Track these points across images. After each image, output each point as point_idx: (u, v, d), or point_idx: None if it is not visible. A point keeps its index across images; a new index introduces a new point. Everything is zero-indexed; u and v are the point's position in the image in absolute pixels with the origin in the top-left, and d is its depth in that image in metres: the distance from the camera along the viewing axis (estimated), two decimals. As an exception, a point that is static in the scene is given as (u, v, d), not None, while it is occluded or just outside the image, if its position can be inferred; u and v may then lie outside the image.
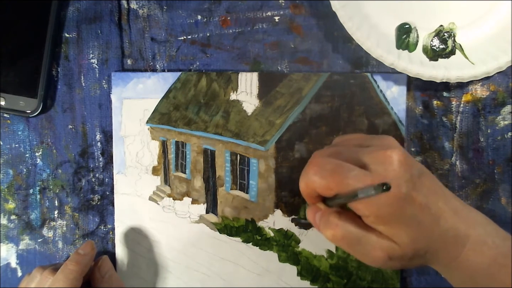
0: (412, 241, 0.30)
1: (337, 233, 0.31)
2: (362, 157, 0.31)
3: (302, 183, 0.32)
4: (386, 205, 0.29)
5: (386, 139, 0.33)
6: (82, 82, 0.46)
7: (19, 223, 0.47)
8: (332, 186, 0.30)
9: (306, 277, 0.45)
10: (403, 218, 0.29)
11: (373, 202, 0.29)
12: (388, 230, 0.30)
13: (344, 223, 0.31)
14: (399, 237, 0.30)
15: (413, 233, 0.30)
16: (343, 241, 0.31)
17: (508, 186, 0.44)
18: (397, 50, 0.41)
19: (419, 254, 0.31)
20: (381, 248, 0.30)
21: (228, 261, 0.46)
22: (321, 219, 0.33)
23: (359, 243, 0.31)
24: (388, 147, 0.31)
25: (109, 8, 0.45)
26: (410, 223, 0.30)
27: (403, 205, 0.29)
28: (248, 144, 0.45)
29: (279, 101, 0.44)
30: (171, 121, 0.46)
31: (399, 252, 0.30)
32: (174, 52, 0.45)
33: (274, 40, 0.45)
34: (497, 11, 0.42)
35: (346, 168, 0.30)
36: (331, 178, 0.30)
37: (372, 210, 0.30)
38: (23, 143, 0.47)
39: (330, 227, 0.32)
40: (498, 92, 0.44)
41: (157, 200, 0.46)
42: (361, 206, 0.30)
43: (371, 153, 0.31)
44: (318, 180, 0.30)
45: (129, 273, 0.46)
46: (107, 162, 0.47)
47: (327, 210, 0.32)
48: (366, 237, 0.31)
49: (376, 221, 0.30)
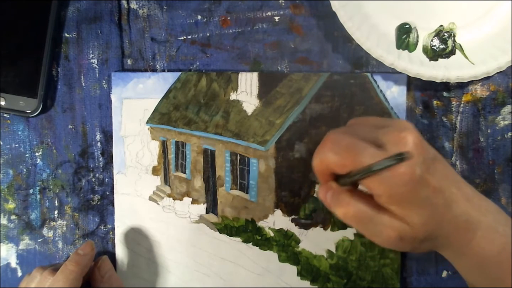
0: (423, 223, 0.30)
1: (348, 211, 0.31)
2: (377, 137, 0.31)
3: (316, 159, 0.32)
4: (399, 184, 0.29)
5: (402, 122, 0.32)
6: (82, 82, 0.46)
7: (19, 223, 0.47)
8: (346, 162, 0.30)
9: (306, 277, 0.45)
10: (416, 199, 0.29)
11: (387, 181, 0.29)
12: (400, 210, 0.30)
13: (356, 202, 0.31)
14: (411, 218, 0.30)
15: (425, 215, 0.30)
16: (354, 219, 0.31)
17: (508, 186, 0.44)
18: (397, 50, 0.41)
19: (430, 237, 0.31)
20: (393, 227, 0.30)
21: (228, 261, 0.46)
22: (333, 197, 0.32)
23: (370, 221, 0.31)
24: (404, 129, 0.31)
25: (109, 8, 0.45)
26: (422, 205, 0.30)
27: (416, 186, 0.29)
28: (248, 144, 0.45)
29: (279, 101, 0.44)
30: (171, 121, 0.46)
31: (410, 233, 0.30)
32: (174, 52, 0.46)
33: (274, 40, 0.45)
34: (497, 11, 0.42)
35: (361, 145, 0.30)
36: (346, 154, 0.30)
37: (385, 189, 0.29)
38: (23, 143, 0.47)
39: (342, 205, 0.31)
40: (498, 92, 0.44)
41: (157, 200, 0.46)
42: (374, 184, 0.29)
43: (386, 134, 0.30)
44: (333, 156, 0.30)
45: (129, 273, 0.46)
46: (107, 162, 0.47)
47: (339, 189, 0.32)
48: (378, 216, 0.31)
49: (389, 200, 0.30)
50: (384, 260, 0.44)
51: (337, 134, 0.32)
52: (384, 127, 0.32)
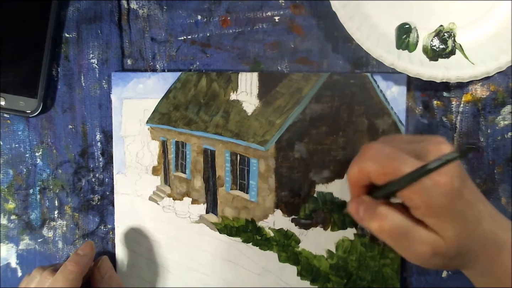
0: (457, 237, 0.30)
1: (385, 224, 0.31)
2: (415, 149, 0.31)
3: (355, 168, 0.32)
4: (440, 195, 0.29)
5: (436, 137, 0.32)
6: (82, 82, 0.46)
7: (19, 223, 0.47)
8: (388, 171, 0.30)
9: (306, 277, 0.45)
10: (452, 211, 0.29)
11: (427, 191, 0.29)
12: (436, 223, 0.30)
13: (393, 214, 0.31)
14: (446, 231, 0.30)
15: (459, 229, 0.30)
16: (390, 232, 0.31)
17: (508, 186, 0.44)
18: (397, 50, 0.41)
19: (461, 252, 0.31)
20: (427, 242, 0.30)
21: (228, 261, 0.46)
22: (366, 211, 0.32)
23: (405, 236, 0.31)
24: (440, 142, 0.31)
25: (109, 8, 0.45)
26: (457, 218, 0.30)
27: (453, 198, 0.29)
28: (248, 144, 0.45)
29: (279, 101, 0.44)
30: (171, 121, 0.46)
31: (444, 248, 0.30)
32: (174, 52, 0.46)
33: (274, 40, 0.45)
34: (497, 11, 0.42)
35: (402, 155, 0.30)
36: (388, 163, 0.30)
37: (426, 199, 0.29)
38: (23, 143, 0.47)
39: (377, 218, 0.31)
40: (498, 92, 0.44)
41: (157, 200, 0.46)
42: (414, 195, 0.29)
43: (424, 146, 0.31)
44: (374, 165, 0.30)
45: (129, 273, 0.46)
46: (107, 162, 0.47)
47: (373, 202, 0.32)
48: (413, 230, 0.30)
49: (427, 212, 0.30)
50: (384, 260, 0.44)
51: (377, 144, 0.31)
52: (419, 142, 0.32)
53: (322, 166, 0.44)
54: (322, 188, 0.44)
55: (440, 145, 0.30)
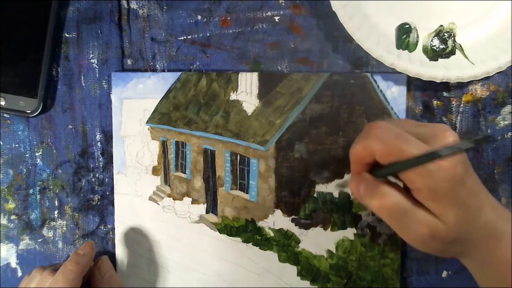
0: (457, 222, 0.30)
1: (385, 202, 0.31)
2: (420, 133, 0.31)
3: (359, 145, 0.32)
4: (442, 179, 0.29)
5: (441, 124, 0.33)
6: (82, 82, 0.46)
7: (19, 223, 0.47)
8: (393, 151, 0.30)
9: (306, 277, 0.45)
10: (454, 197, 0.30)
11: (431, 174, 0.29)
12: (437, 207, 0.30)
13: (394, 193, 0.31)
14: (446, 216, 0.30)
15: (460, 215, 0.30)
16: (389, 211, 0.31)
17: (508, 186, 0.44)
18: (397, 50, 0.41)
19: (460, 239, 0.31)
20: (427, 224, 0.30)
21: (228, 261, 0.46)
22: (367, 189, 0.32)
23: (405, 215, 0.31)
24: (445, 128, 0.31)
25: (109, 8, 0.45)
26: (458, 204, 0.30)
27: (456, 184, 0.29)
28: (248, 144, 0.45)
29: (279, 101, 0.44)
30: (171, 121, 0.46)
31: (443, 232, 0.30)
32: (174, 52, 0.46)
33: (274, 40, 0.45)
34: (497, 11, 0.42)
35: (409, 137, 0.30)
36: (394, 142, 0.30)
37: (428, 182, 0.29)
38: (23, 143, 0.47)
39: (377, 196, 0.31)
40: (498, 92, 0.44)
41: (157, 200, 0.46)
42: (417, 177, 0.29)
43: (430, 131, 0.31)
44: (379, 143, 0.30)
45: (129, 273, 0.46)
46: (107, 162, 0.47)
47: (374, 180, 0.32)
48: (413, 211, 0.30)
49: (428, 195, 0.30)
50: (384, 260, 0.44)
51: (385, 123, 0.31)
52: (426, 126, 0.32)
53: (322, 166, 0.44)
54: (322, 188, 0.44)
55: (446, 132, 0.30)
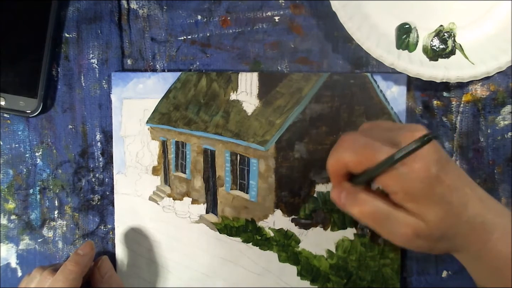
0: (439, 220, 0.30)
1: (365, 209, 0.32)
2: (390, 137, 0.31)
3: (332, 159, 0.33)
4: (415, 180, 0.30)
5: (414, 125, 0.33)
6: (82, 82, 0.46)
7: (19, 223, 0.47)
8: (363, 160, 0.31)
9: (306, 277, 0.45)
10: (432, 196, 0.30)
11: (403, 177, 0.30)
12: (416, 207, 0.30)
13: (372, 199, 0.32)
14: (427, 215, 0.30)
15: (441, 212, 0.30)
16: (371, 216, 0.32)
17: (508, 186, 0.44)
18: (397, 50, 0.41)
19: (446, 235, 0.31)
20: (408, 224, 0.31)
21: (228, 261, 0.46)
22: (347, 197, 0.33)
23: (387, 219, 0.31)
24: (416, 129, 0.31)
25: (109, 8, 0.45)
26: (438, 202, 0.30)
27: (432, 183, 0.30)
28: (248, 144, 0.45)
29: (279, 101, 0.44)
30: (171, 121, 0.46)
31: (426, 231, 0.31)
32: (174, 52, 0.46)
33: (274, 40, 0.45)
34: (497, 11, 0.42)
35: (377, 144, 0.31)
36: (363, 152, 0.31)
37: (402, 185, 0.30)
38: (23, 143, 0.47)
39: (358, 203, 0.32)
40: (498, 92, 0.44)
41: (157, 200, 0.46)
42: (391, 181, 0.30)
43: (400, 134, 0.31)
44: (350, 155, 0.31)
45: (129, 273, 0.46)
46: (107, 162, 0.47)
47: (353, 188, 0.33)
48: (393, 214, 0.31)
49: (405, 197, 0.30)
50: (384, 260, 0.44)
51: (352, 135, 0.33)
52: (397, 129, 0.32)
53: (322, 166, 0.44)
54: (322, 188, 0.44)
55: (414, 133, 0.31)
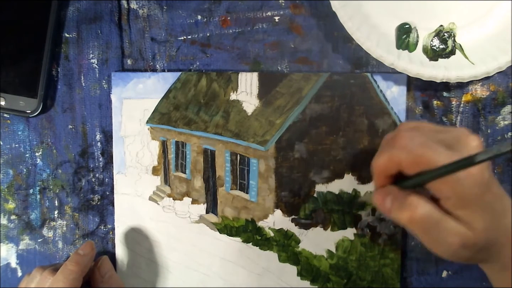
0: (485, 229, 0.29)
1: (416, 214, 0.30)
2: (444, 139, 0.30)
3: (383, 157, 0.31)
4: (471, 186, 0.28)
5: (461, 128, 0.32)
6: (82, 82, 0.46)
7: (19, 223, 0.47)
8: (421, 161, 0.29)
9: (306, 277, 0.45)
10: (483, 203, 0.29)
11: (460, 182, 0.28)
12: (466, 215, 0.29)
13: (425, 204, 0.30)
14: (476, 223, 0.29)
15: (488, 220, 0.29)
16: (421, 223, 0.30)
17: (508, 186, 0.44)
18: (397, 50, 0.41)
19: (488, 245, 0.30)
20: (458, 233, 0.30)
21: (228, 261, 0.46)
22: (395, 201, 0.31)
23: (436, 226, 0.30)
24: (468, 133, 0.30)
25: (109, 8, 0.45)
26: (487, 209, 0.29)
27: (484, 189, 0.29)
28: (248, 144, 0.45)
29: (279, 101, 0.44)
30: (171, 121, 0.46)
31: (472, 240, 0.30)
32: (174, 52, 0.46)
33: (274, 40, 0.45)
34: (497, 11, 0.42)
35: (435, 145, 0.29)
36: (421, 152, 0.29)
37: (457, 190, 0.29)
38: (23, 143, 0.47)
39: (408, 208, 0.30)
40: (498, 92, 0.44)
41: (157, 200, 0.46)
42: (446, 186, 0.29)
43: (455, 137, 0.30)
44: (406, 154, 0.30)
45: (129, 273, 0.46)
46: (107, 162, 0.47)
47: (402, 192, 0.31)
48: (444, 221, 0.30)
49: (458, 203, 0.29)
50: (384, 260, 0.44)
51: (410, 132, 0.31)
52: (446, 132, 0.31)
53: (322, 166, 0.44)
54: (322, 188, 0.44)
55: (469, 136, 0.30)
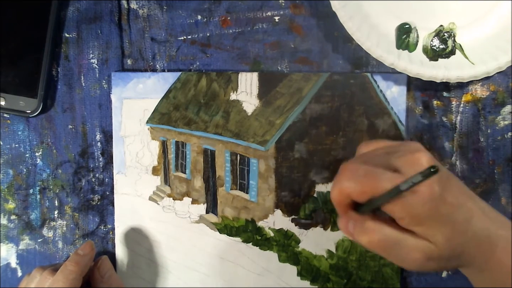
0: (447, 240, 0.30)
1: (374, 238, 0.31)
2: (390, 162, 0.31)
3: (335, 190, 0.32)
4: (421, 204, 0.29)
5: (412, 144, 0.33)
6: (82, 82, 0.46)
7: (19, 223, 0.47)
8: (366, 189, 0.30)
9: (306, 277, 0.45)
10: (438, 217, 0.30)
11: (408, 202, 0.29)
12: (424, 230, 0.30)
13: (380, 227, 0.31)
14: (435, 237, 0.30)
15: (448, 232, 0.30)
16: (380, 245, 0.31)
17: (508, 186, 0.44)
18: (397, 50, 0.41)
19: (455, 254, 0.31)
20: (418, 249, 0.31)
21: (228, 261, 0.46)
22: (355, 226, 0.32)
23: (396, 246, 0.31)
24: (415, 150, 0.31)
25: (109, 8, 0.45)
26: (444, 222, 0.30)
27: (436, 204, 0.29)
28: (248, 144, 0.45)
29: (279, 101, 0.44)
30: (171, 121, 0.46)
31: (436, 252, 0.30)
32: (174, 52, 0.46)
33: (274, 40, 0.45)
34: (497, 11, 0.42)
35: (378, 171, 0.30)
36: (365, 181, 0.30)
37: (408, 210, 0.30)
38: (23, 143, 0.47)
39: (366, 232, 0.32)
40: (498, 92, 0.44)
41: (157, 200, 0.46)
42: (396, 207, 0.30)
43: (400, 157, 0.31)
44: (352, 185, 0.31)
45: (129, 273, 0.46)
46: (107, 162, 0.47)
47: (360, 217, 0.32)
48: (403, 239, 0.31)
49: (412, 222, 0.30)
50: (384, 260, 0.44)
51: (352, 164, 0.32)
52: (395, 152, 0.32)
53: (322, 166, 0.44)
54: (322, 188, 0.44)
55: (415, 154, 0.30)
